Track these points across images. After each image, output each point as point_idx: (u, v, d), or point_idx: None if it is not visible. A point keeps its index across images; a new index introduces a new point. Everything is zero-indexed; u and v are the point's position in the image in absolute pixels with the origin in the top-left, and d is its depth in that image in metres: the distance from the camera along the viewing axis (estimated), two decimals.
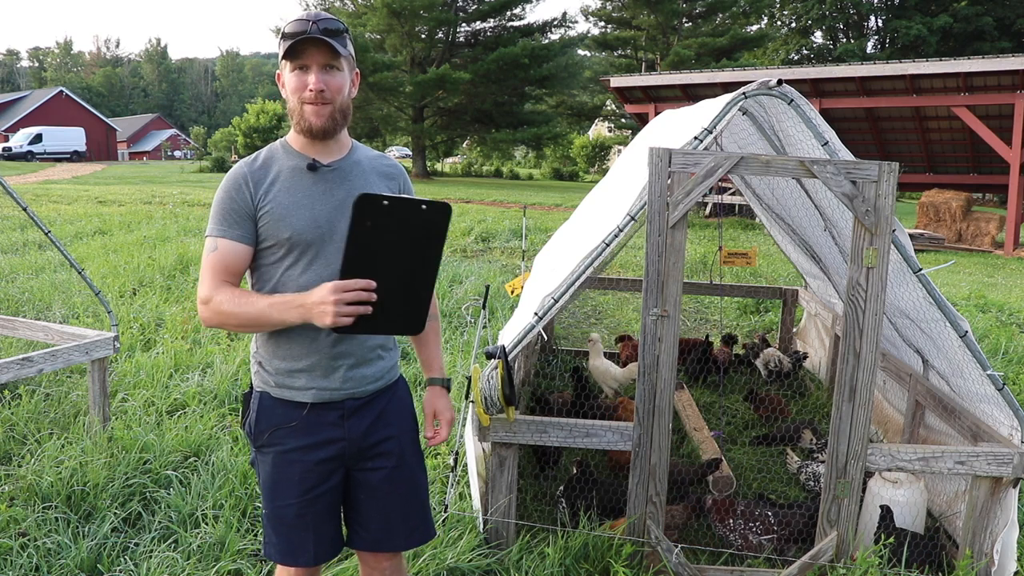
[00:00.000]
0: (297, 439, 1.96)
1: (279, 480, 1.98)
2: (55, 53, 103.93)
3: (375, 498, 2.05)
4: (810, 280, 5.80)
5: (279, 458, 1.98)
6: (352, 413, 1.99)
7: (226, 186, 1.92)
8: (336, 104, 1.90)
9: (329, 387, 1.96)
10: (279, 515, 2.00)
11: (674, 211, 2.83)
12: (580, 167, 49.01)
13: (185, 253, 9.72)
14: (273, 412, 1.98)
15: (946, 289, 9.80)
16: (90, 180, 27.71)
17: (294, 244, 1.89)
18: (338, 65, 1.90)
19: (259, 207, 1.90)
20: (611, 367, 5.07)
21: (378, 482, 2.05)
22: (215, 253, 1.89)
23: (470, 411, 3.17)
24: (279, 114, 46.09)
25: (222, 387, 4.74)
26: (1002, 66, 14.46)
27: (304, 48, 1.86)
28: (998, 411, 3.07)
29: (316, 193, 1.92)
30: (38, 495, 3.29)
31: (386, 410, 2.06)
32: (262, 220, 1.90)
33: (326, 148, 1.96)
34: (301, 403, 1.96)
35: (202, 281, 1.90)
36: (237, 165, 1.96)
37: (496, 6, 36.56)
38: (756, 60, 38.70)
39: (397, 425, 2.09)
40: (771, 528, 3.18)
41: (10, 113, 52.36)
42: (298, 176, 1.93)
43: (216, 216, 1.91)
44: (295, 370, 1.94)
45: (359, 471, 2.04)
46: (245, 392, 2.07)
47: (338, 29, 1.89)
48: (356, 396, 1.99)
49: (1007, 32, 39.29)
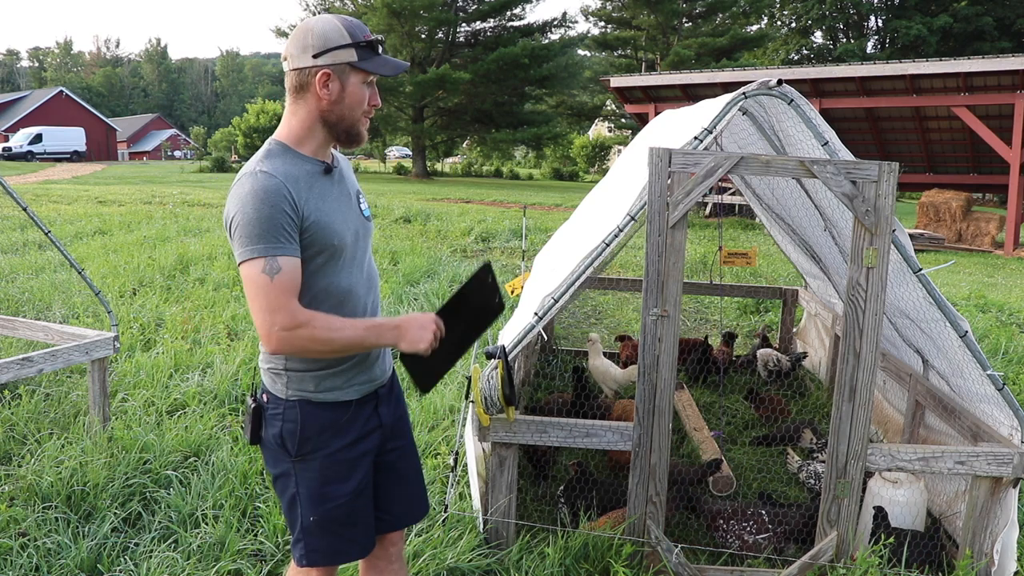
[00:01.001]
0: (341, 439, 1.97)
1: (328, 483, 1.96)
2: (55, 53, 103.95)
3: (394, 477, 2.13)
4: (810, 280, 5.80)
5: (326, 462, 1.96)
6: (383, 400, 2.07)
7: (267, 200, 1.74)
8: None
9: (368, 380, 2.01)
10: (330, 518, 1.97)
11: (674, 211, 2.83)
12: (580, 167, 48.99)
13: (185, 253, 9.72)
14: (318, 417, 1.94)
15: (946, 289, 9.80)
16: (90, 180, 27.72)
17: (337, 250, 1.89)
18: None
19: (305, 217, 1.82)
20: (611, 368, 5.07)
21: (396, 461, 2.13)
22: (283, 273, 1.74)
23: (470, 411, 3.17)
24: (279, 114, 46.03)
25: (222, 387, 4.74)
26: (1002, 66, 14.46)
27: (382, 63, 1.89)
28: (998, 411, 3.06)
29: (336, 195, 1.94)
30: (38, 495, 3.29)
31: (394, 389, 2.17)
32: (308, 230, 1.82)
33: (326, 151, 1.97)
34: (347, 402, 1.98)
35: (279, 308, 1.74)
36: (261, 177, 1.78)
37: (496, 6, 36.55)
38: (756, 60, 38.71)
39: (402, 403, 2.21)
40: (765, 527, 3.18)
41: (10, 113, 52.36)
42: (320, 181, 1.90)
43: (265, 233, 1.73)
44: (340, 371, 1.96)
45: (383, 454, 2.09)
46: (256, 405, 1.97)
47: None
48: (383, 383, 2.07)
49: (1007, 32, 39.29)
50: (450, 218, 15.31)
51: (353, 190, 2.02)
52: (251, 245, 1.74)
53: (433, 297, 7.68)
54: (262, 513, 3.27)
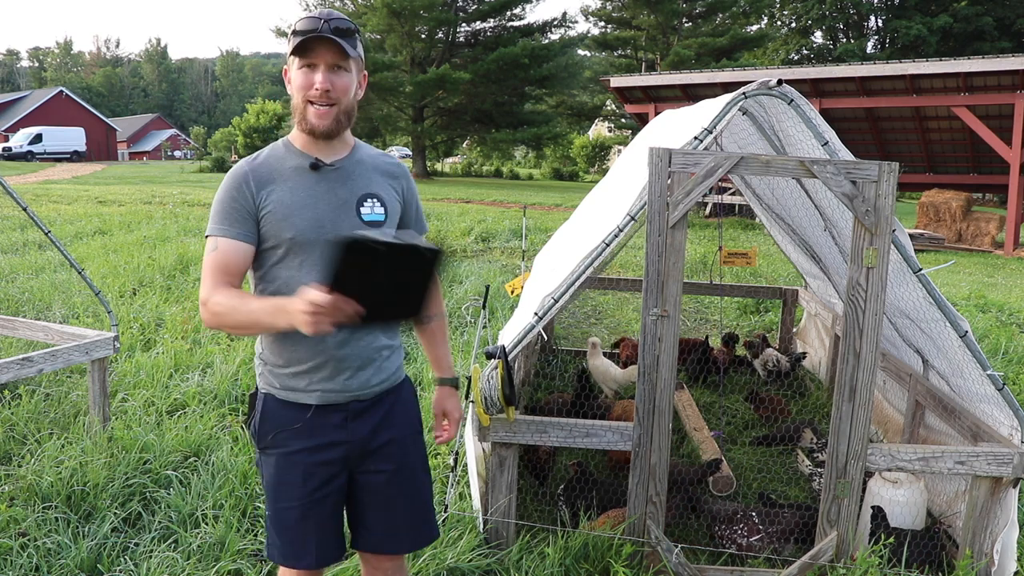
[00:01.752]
0: (301, 441, 1.95)
1: (282, 482, 1.97)
2: (55, 53, 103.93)
3: (378, 501, 2.05)
4: (810, 280, 5.80)
5: (283, 460, 1.97)
6: (357, 415, 1.98)
7: (227, 185, 1.89)
8: (341, 105, 1.89)
9: (334, 389, 1.95)
10: (281, 517, 1.99)
11: (674, 211, 2.83)
12: (580, 167, 48.98)
13: (185, 253, 9.72)
14: (278, 414, 1.97)
15: (946, 289, 9.80)
16: (90, 180, 27.72)
17: (297, 244, 1.88)
18: (346, 66, 1.88)
19: (261, 206, 1.88)
20: (611, 368, 5.07)
21: (381, 484, 2.04)
22: (215, 253, 1.86)
23: (470, 411, 3.17)
24: (279, 114, 46.03)
25: (222, 387, 4.74)
26: (1002, 66, 14.46)
27: (314, 46, 1.84)
28: (998, 411, 3.06)
29: (319, 193, 1.91)
30: (38, 495, 3.29)
31: (391, 412, 2.05)
32: (264, 220, 1.88)
33: (329, 147, 1.95)
34: (306, 405, 1.95)
35: (203, 282, 1.87)
36: (238, 164, 1.93)
37: (496, 6, 36.55)
38: (756, 60, 38.71)
39: (401, 427, 2.07)
40: (756, 529, 3.17)
41: (10, 113, 52.35)
42: (301, 175, 1.91)
43: (217, 215, 1.88)
44: (300, 372, 1.94)
45: (362, 474, 2.03)
46: (251, 393, 2.06)
47: (349, 29, 1.87)
48: (361, 398, 1.98)
49: (1007, 32, 39.29)
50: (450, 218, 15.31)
51: (358, 192, 1.95)
52: (209, 224, 1.91)
53: None
54: (262, 513, 3.27)
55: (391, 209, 1.99)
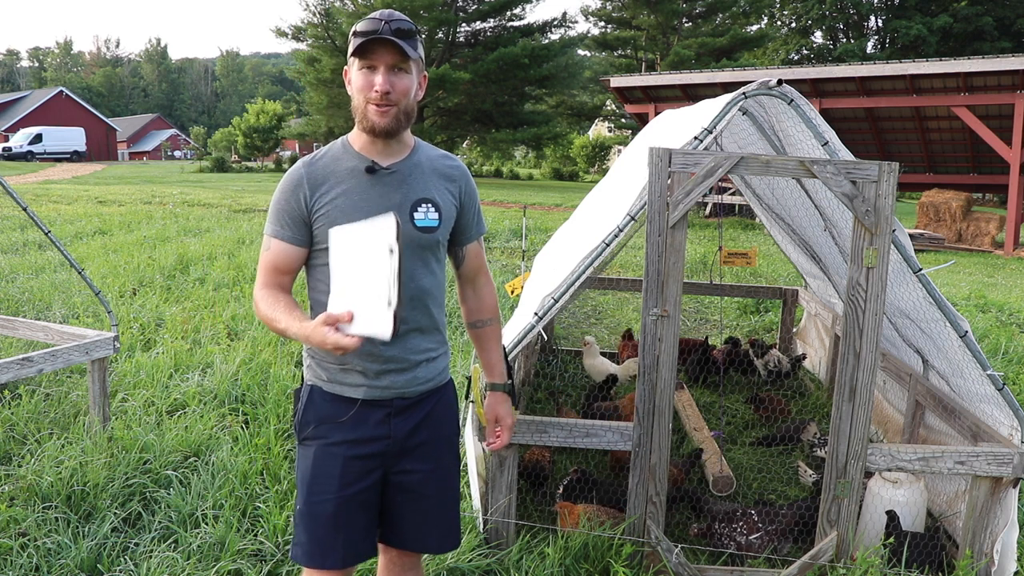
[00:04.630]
0: (343, 433, 1.97)
1: (318, 474, 1.97)
2: (55, 53, 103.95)
3: (411, 499, 2.05)
4: (810, 280, 5.80)
5: (321, 451, 1.97)
6: (399, 412, 2.00)
7: (283, 186, 1.93)
8: (401, 106, 1.89)
9: (380, 386, 1.97)
10: (314, 512, 1.97)
11: (674, 211, 2.83)
12: (580, 167, 49.00)
13: (185, 253, 9.72)
14: (322, 406, 1.99)
15: (946, 289, 9.80)
16: (90, 180, 27.71)
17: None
18: (406, 68, 1.88)
19: (314, 210, 1.90)
20: (609, 365, 5.07)
21: (415, 483, 2.04)
22: (268, 252, 1.94)
23: (470, 411, 3.17)
24: (279, 114, 46.10)
25: (222, 387, 4.74)
26: (1002, 66, 14.46)
27: (374, 48, 1.84)
28: (998, 411, 3.07)
29: (373, 196, 1.91)
30: (38, 495, 3.29)
31: (432, 412, 2.06)
32: (317, 223, 1.90)
33: (387, 148, 1.95)
34: (352, 399, 1.97)
35: (257, 279, 1.96)
36: (296, 164, 1.96)
37: (496, 6, 36.55)
38: (756, 60, 38.73)
39: (440, 428, 2.09)
40: (756, 527, 3.17)
41: (10, 113, 52.35)
42: (356, 178, 1.92)
43: (272, 215, 1.94)
44: (348, 368, 1.96)
45: (397, 472, 2.03)
46: (295, 389, 2.09)
47: (410, 31, 1.87)
48: (406, 396, 2.00)
49: (1007, 32, 39.29)
50: None
51: (412, 197, 1.95)
52: (266, 222, 1.97)
53: None
54: (262, 513, 3.27)
55: (446, 214, 2.00)
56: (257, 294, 1.93)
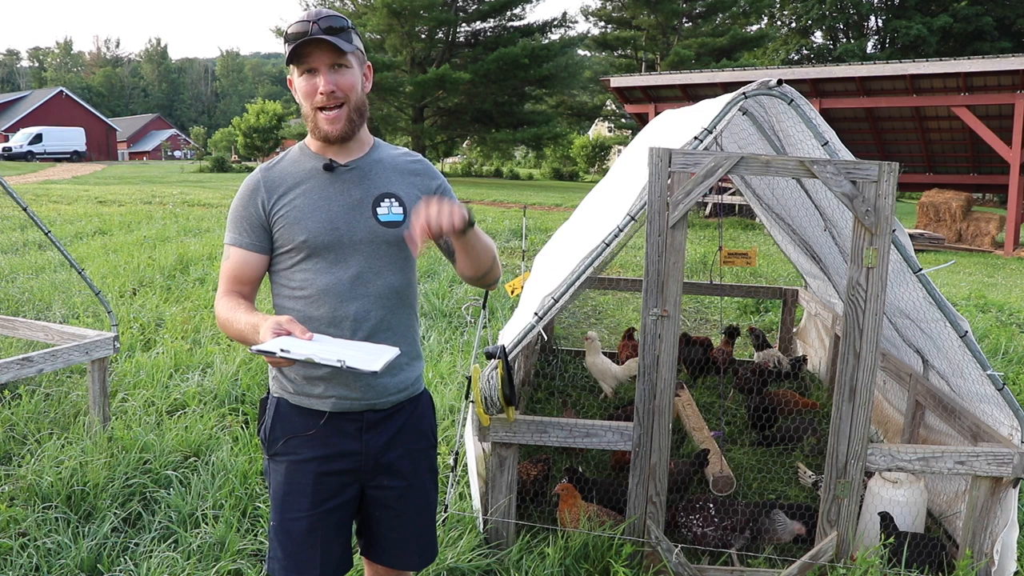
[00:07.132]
0: (313, 449, 1.90)
1: (291, 491, 1.92)
2: (55, 53, 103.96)
3: (389, 515, 2.01)
4: (810, 280, 5.79)
5: (292, 467, 1.92)
6: (371, 426, 1.93)
7: (241, 193, 1.92)
8: (351, 103, 1.85)
9: (349, 396, 1.89)
10: (288, 528, 1.92)
11: (674, 211, 2.83)
12: (580, 167, 49.00)
13: (185, 253, 9.72)
14: (290, 419, 1.93)
15: (946, 289, 9.80)
16: (90, 180, 27.71)
17: (311, 247, 1.86)
18: (345, 63, 1.83)
19: (273, 214, 1.88)
20: (611, 365, 5.07)
21: (393, 500, 1.99)
22: (228, 261, 1.91)
23: (470, 411, 3.17)
24: (279, 114, 46.08)
25: (222, 387, 4.74)
26: (1002, 66, 14.46)
27: (308, 50, 1.80)
28: (998, 411, 3.07)
29: (332, 194, 1.88)
30: (38, 495, 3.29)
31: (406, 425, 1.99)
32: (276, 226, 1.88)
33: (344, 148, 1.91)
34: (319, 412, 1.90)
35: (218, 288, 1.93)
36: (255, 170, 1.95)
37: (496, 6, 36.57)
38: (756, 60, 38.72)
39: (416, 442, 2.03)
40: (711, 521, 3.17)
41: (10, 113, 52.35)
42: (315, 178, 1.89)
43: (230, 223, 1.92)
44: (315, 377, 1.89)
45: (373, 488, 1.98)
46: (263, 397, 2.03)
47: (342, 26, 1.82)
48: (377, 408, 1.93)
49: (1007, 32, 39.28)
50: None
51: (374, 192, 1.90)
52: (226, 231, 1.95)
53: (433, 297, 7.68)
54: (262, 513, 3.27)
55: (411, 208, 1.91)
56: (217, 303, 1.89)
